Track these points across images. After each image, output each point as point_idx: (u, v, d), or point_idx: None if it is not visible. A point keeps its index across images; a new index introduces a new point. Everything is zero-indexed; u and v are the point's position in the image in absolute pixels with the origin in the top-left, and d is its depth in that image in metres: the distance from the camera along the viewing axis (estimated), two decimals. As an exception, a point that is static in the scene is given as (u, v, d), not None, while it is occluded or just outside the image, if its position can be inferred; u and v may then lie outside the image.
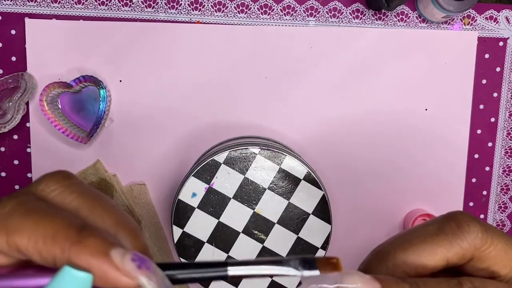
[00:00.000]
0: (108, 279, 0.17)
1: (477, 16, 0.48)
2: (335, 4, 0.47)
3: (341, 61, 0.48)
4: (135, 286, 0.17)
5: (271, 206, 0.39)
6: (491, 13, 0.48)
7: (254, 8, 0.47)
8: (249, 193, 0.39)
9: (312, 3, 0.47)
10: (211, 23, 0.47)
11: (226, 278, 0.20)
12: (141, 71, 0.47)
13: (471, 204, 0.51)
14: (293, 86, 0.48)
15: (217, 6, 0.47)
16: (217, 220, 0.39)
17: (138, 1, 0.46)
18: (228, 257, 0.40)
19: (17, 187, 0.48)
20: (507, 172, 0.51)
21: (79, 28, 0.46)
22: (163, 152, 0.48)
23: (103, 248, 0.17)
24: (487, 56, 0.49)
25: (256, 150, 0.39)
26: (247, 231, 0.39)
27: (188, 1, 0.46)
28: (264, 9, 0.47)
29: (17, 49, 0.46)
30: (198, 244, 0.39)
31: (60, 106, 0.46)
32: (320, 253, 0.40)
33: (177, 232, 0.39)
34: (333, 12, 0.47)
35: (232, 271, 0.21)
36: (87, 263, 0.17)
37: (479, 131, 0.50)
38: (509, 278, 0.24)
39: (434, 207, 0.50)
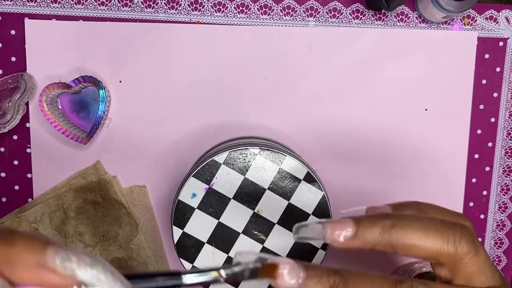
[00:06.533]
0: None
1: (477, 16, 0.48)
2: (335, 4, 0.47)
3: (341, 61, 0.48)
4: None
5: (271, 207, 0.39)
6: (491, 13, 0.48)
7: (254, 8, 0.47)
8: (249, 194, 0.39)
9: (312, 3, 0.47)
10: (211, 24, 0.47)
11: (180, 287, 0.21)
12: (141, 71, 0.47)
13: (471, 204, 0.51)
14: (293, 86, 0.48)
15: (217, 7, 0.47)
16: (217, 221, 0.39)
17: (138, 2, 0.46)
18: (228, 257, 0.40)
19: (17, 187, 0.48)
20: (507, 172, 0.51)
21: (78, 28, 0.46)
22: (163, 152, 0.48)
23: None
24: (487, 56, 0.49)
25: (256, 150, 0.38)
26: (247, 231, 0.39)
27: (188, 1, 0.46)
28: (264, 9, 0.47)
29: (16, 49, 0.46)
30: (198, 245, 0.39)
31: (60, 107, 0.46)
32: (321, 253, 0.40)
33: (177, 232, 0.39)
34: (333, 13, 0.47)
35: (187, 279, 0.21)
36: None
37: (479, 131, 0.50)
38: None
39: (434, 207, 0.50)
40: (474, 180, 0.51)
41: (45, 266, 0.18)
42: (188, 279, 0.22)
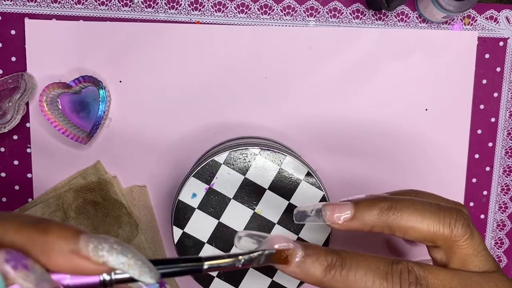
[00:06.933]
0: None
1: (477, 16, 0.48)
2: (335, 4, 0.47)
3: (341, 61, 0.48)
4: (13, 283, 0.17)
5: (272, 207, 0.39)
6: (491, 13, 0.48)
7: (254, 8, 0.47)
8: (249, 194, 0.39)
9: (312, 3, 0.47)
10: (211, 23, 0.47)
11: (201, 272, 0.23)
12: (141, 71, 0.47)
13: (471, 204, 0.51)
14: (293, 86, 0.48)
15: (217, 6, 0.47)
16: (217, 221, 0.39)
17: (138, 1, 0.46)
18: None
19: (17, 187, 0.48)
20: (507, 172, 0.51)
21: (79, 28, 0.46)
22: (163, 152, 0.48)
23: None
24: (487, 56, 0.49)
25: (256, 150, 0.38)
26: (247, 231, 0.39)
27: (188, 1, 0.46)
28: (264, 9, 0.47)
29: (17, 49, 0.46)
30: (198, 245, 0.39)
31: (60, 107, 0.46)
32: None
33: (177, 232, 0.39)
34: (333, 12, 0.47)
35: (207, 264, 0.23)
36: None
37: (479, 131, 0.50)
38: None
39: (434, 207, 0.50)
40: (474, 180, 0.51)
41: (79, 253, 0.19)
42: (208, 264, 0.23)
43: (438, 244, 0.26)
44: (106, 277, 0.20)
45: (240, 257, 0.24)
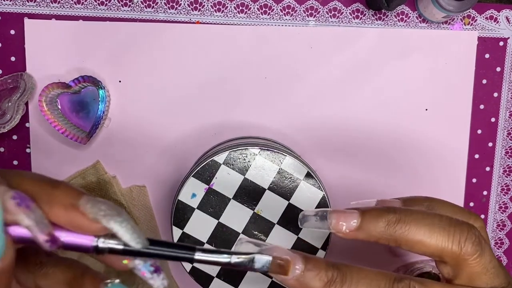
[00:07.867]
0: None
1: (477, 16, 0.48)
2: (335, 4, 0.47)
3: (341, 61, 0.48)
4: (14, 220, 0.20)
5: (271, 207, 0.39)
6: (491, 13, 0.48)
7: (254, 8, 0.47)
8: (249, 194, 0.39)
9: (312, 3, 0.47)
10: (211, 23, 0.47)
11: (191, 261, 0.23)
12: (140, 71, 0.47)
13: (471, 204, 0.51)
14: (293, 86, 0.48)
15: (217, 6, 0.47)
16: (217, 221, 0.39)
17: (138, 1, 0.46)
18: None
19: (16, 187, 0.48)
20: (507, 172, 0.51)
21: (78, 28, 0.46)
22: (163, 152, 0.48)
23: None
24: (487, 56, 0.49)
25: (256, 150, 0.38)
26: (247, 232, 0.39)
27: (187, 1, 0.46)
28: (264, 9, 0.47)
29: (16, 49, 0.46)
30: (198, 245, 0.39)
31: (59, 107, 0.46)
32: (321, 253, 0.40)
33: (177, 233, 0.39)
34: (333, 12, 0.47)
35: (199, 255, 0.23)
36: None
37: (479, 131, 0.50)
38: None
39: (434, 207, 0.50)
40: (474, 180, 0.51)
41: (78, 208, 0.21)
42: (199, 255, 0.23)
43: (446, 260, 0.25)
44: (100, 243, 0.21)
45: (234, 256, 0.23)
